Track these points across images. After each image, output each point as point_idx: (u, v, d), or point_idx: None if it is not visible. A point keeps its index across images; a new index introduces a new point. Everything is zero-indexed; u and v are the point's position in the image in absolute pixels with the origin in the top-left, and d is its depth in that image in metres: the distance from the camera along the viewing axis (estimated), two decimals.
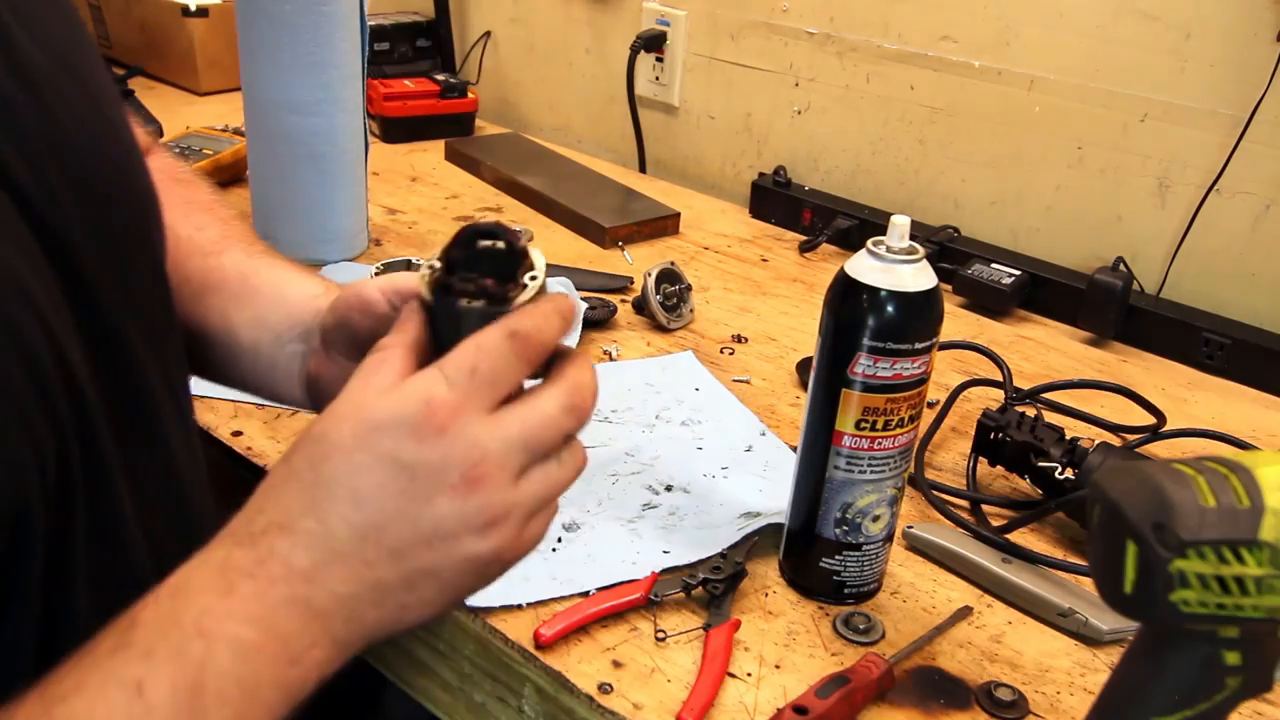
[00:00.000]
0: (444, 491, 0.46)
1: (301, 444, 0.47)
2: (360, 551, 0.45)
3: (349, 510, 0.45)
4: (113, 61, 1.71)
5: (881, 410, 0.64)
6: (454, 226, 1.24)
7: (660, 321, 1.03)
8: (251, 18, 1.02)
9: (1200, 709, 0.45)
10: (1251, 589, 0.42)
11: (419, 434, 0.45)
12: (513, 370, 0.47)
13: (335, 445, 0.46)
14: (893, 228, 0.62)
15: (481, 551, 0.47)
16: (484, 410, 0.47)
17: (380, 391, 0.46)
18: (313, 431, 0.47)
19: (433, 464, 0.45)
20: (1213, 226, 1.09)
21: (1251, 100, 1.03)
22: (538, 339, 0.48)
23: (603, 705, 0.60)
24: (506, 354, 0.47)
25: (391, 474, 0.45)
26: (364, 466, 0.45)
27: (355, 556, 0.45)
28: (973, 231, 1.25)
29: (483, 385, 0.47)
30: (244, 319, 0.63)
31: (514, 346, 0.47)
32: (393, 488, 0.45)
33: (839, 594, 0.69)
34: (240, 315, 0.63)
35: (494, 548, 0.47)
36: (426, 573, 0.47)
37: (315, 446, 0.46)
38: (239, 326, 0.63)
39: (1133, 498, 0.43)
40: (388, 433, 0.45)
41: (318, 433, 0.46)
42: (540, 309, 0.48)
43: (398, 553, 0.46)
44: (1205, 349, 1.05)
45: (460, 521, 0.46)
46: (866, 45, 1.30)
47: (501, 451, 0.47)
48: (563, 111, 1.67)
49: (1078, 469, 0.77)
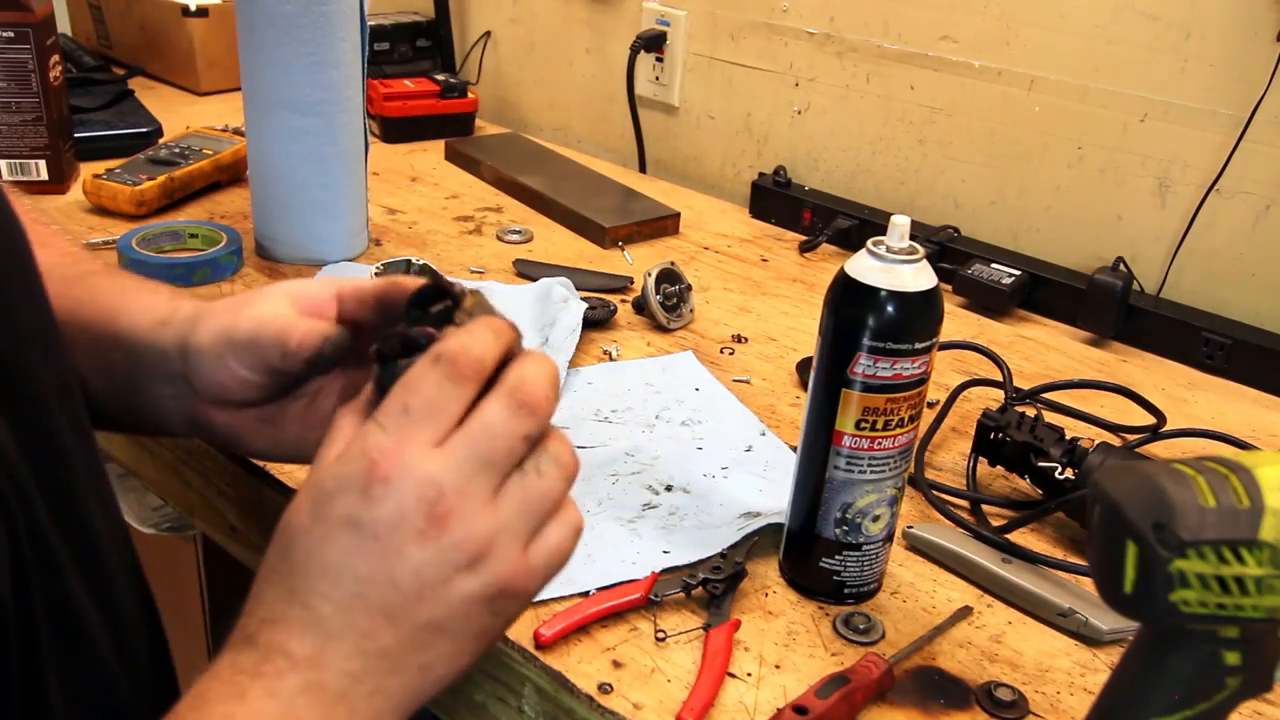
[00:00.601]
0: (411, 539, 0.43)
1: (274, 536, 0.46)
2: (353, 624, 0.44)
3: (327, 588, 0.44)
4: (113, 61, 1.71)
5: (881, 410, 0.64)
6: (454, 226, 1.25)
7: (660, 321, 1.03)
8: (251, 18, 1.02)
9: (1200, 709, 0.45)
10: (1251, 589, 0.42)
11: (366, 490, 0.43)
12: (448, 395, 0.45)
13: (296, 528, 0.45)
14: (893, 228, 0.62)
15: (479, 588, 0.45)
16: (429, 445, 0.44)
17: (325, 461, 0.45)
18: (281, 521, 0.46)
19: (389, 515, 0.43)
20: (1213, 226, 1.09)
21: (1251, 100, 1.03)
22: (467, 357, 0.45)
23: (603, 705, 0.60)
24: (437, 380, 0.44)
25: (352, 538, 0.43)
26: (324, 538, 0.44)
27: (350, 630, 0.44)
28: (973, 231, 1.25)
29: (419, 420, 0.44)
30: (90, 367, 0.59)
31: (443, 370, 0.45)
32: (359, 551, 0.43)
33: (839, 594, 0.69)
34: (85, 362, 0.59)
35: (492, 580, 0.45)
36: (430, 627, 0.44)
37: (281, 536, 0.45)
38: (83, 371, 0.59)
39: (1133, 498, 0.43)
40: (337, 498, 0.44)
41: (282, 522, 0.46)
42: (465, 329, 0.46)
43: (391, 615, 0.44)
44: (1205, 349, 1.05)
45: (441, 564, 0.44)
46: (866, 45, 1.30)
47: (459, 479, 0.44)
48: (563, 111, 1.67)
49: (1078, 469, 0.77)
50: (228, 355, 0.55)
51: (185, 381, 0.57)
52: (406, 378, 0.45)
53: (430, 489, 0.43)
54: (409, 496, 0.43)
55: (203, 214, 1.21)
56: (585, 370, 0.95)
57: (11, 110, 1.18)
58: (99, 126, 1.36)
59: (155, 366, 0.57)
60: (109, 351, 0.58)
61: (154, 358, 0.57)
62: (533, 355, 0.47)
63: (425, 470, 0.44)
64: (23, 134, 1.19)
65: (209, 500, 0.86)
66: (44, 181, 1.22)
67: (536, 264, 1.15)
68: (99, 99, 1.45)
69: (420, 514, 0.43)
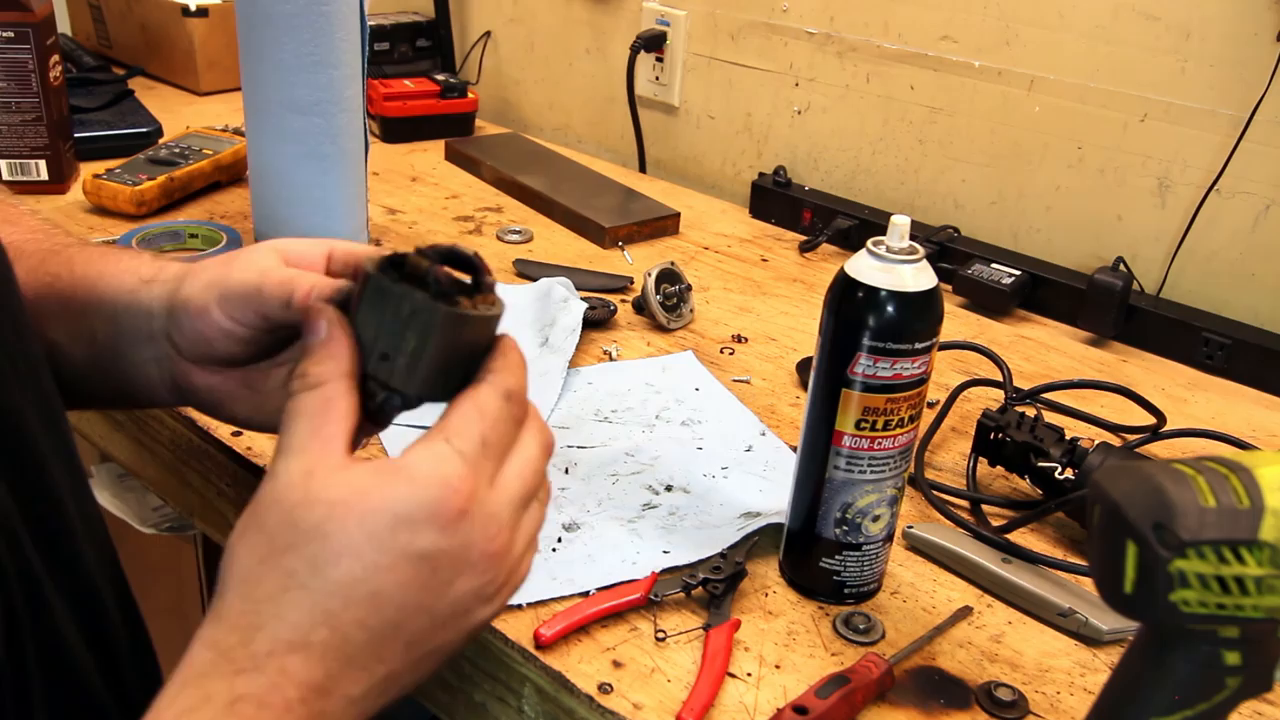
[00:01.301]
0: (464, 573, 0.43)
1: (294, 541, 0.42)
2: (377, 652, 0.42)
3: (367, 614, 0.42)
4: (113, 61, 1.71)
5: (881, 410, 0.64)
6: (454, 226, 1.25)
7: (660, 321, 1.03)
8: (251, 18, 1.02)
9: (1200, 709, 0.45)
10: (1251, 589, 0.42)
11: (440, 522, 0.42)
12: (511, 434, 0.45)
13: (344, 547, 0.41)
14: (893, 228, 0.62)
15: (489, 614, 0.46)
16: (491, 478, 0.44)
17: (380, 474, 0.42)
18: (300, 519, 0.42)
19: (456, 550, 0.43)
20: (1213, 226, 1.09)
21: (1251, 100, 1.03)
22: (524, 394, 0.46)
23: (603, 705, 0.60)
24: (507, 419, 0.45)
25: (414, 569, 0.42)
26: (383, 567, 0.41)
27: (371, 658, 0.42)
28: (973, 231, 1.25)
29: (491, 456, 0.44)
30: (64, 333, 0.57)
31: (511, 410, 0.45)
32: (415, 583, 0.42)
33: (839, 594, 0.69)
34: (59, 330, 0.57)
35: (499, 606, 0.46)
36: (435, 651, 0.45)
37: (316, 546, 0.41)
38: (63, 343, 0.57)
39: (1133, 498, 0.43)
40: (406, 526, 0.41)
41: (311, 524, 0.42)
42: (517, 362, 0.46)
43: (412, 644, 0.43)
44: (1205, 349, 1.05)
45: (478, 595, 0.44)
46: (866, 45, 1.30)
47: (512, 515, 0.45)
48: (563, 111, 1.67)
49: (1078, 469, 0.77)
50: (215, 306, 0.53)
51: (167, 340, 0.55)
52: (482, 406, 0.44)
53: (493, 525, 0.44)
54: (477, 533, 0.43)
55: (203, 214, 1.21)
56: (585, 370, 0.95)
57: (11, 110, 1.18)
58: (99, 126, 1.36)
59: (137, 327, 0.56)
60: (91, 318, 0.57)
61: (136, 318, 0.56)
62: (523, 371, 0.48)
63: (492, 507, 0.44)
64: (23, 134, 1.19)
65: (209, 500, 0.86)
66: (44, 181, 1.22)
67: (536, 264, 1.15)
68: (99, 99, 1.45)
69: (479, 550, 0.43)
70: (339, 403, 0.44)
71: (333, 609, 0.41)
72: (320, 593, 0.41)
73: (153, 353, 0.56)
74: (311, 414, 0.44)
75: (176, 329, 0.55)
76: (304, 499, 0.42)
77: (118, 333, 0.56)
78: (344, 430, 0.44)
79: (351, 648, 0.41)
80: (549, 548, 0.71)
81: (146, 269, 0.57)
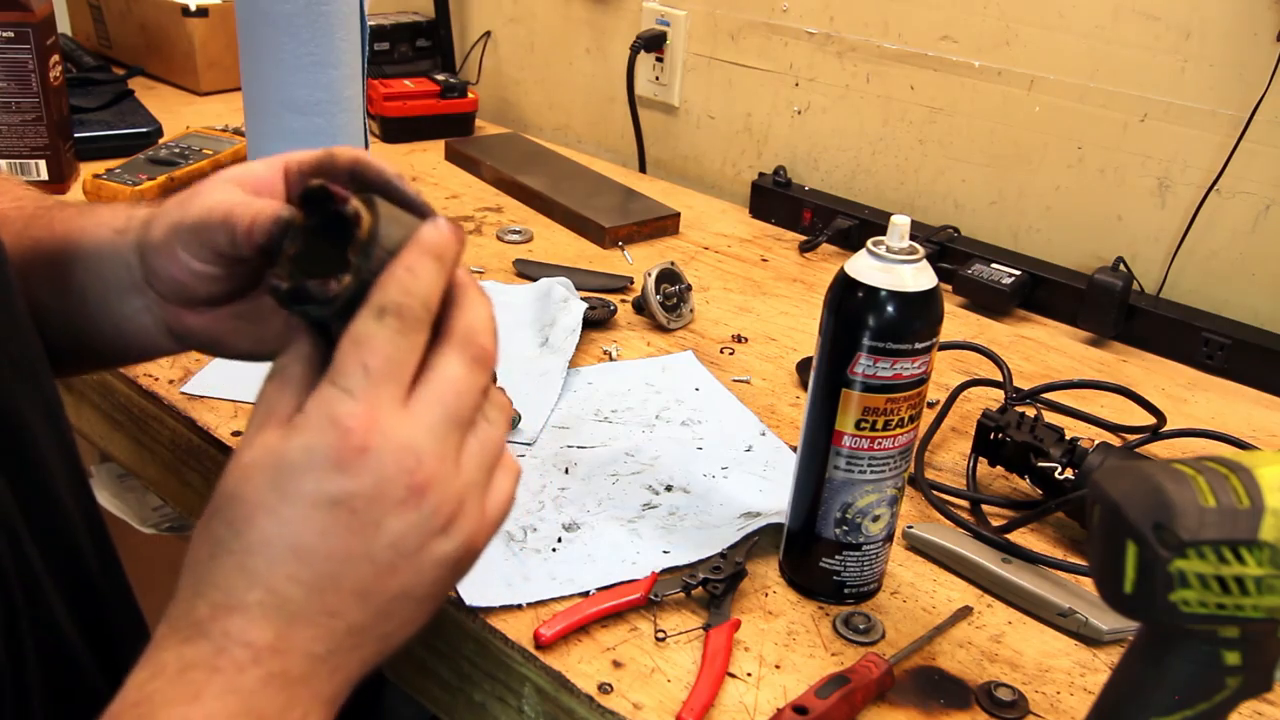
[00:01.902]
0: (392, 511, 0.41)
1: (218, 506, 0.42)
2: (321, 605, 0.41)
3: (295, 569, 0.41)
4: (113, 61, 1.71)
5: (881, 410, 0.64)
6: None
7: (660, 321, 1.03)
8: (251, 18, 1.02)
9: (1200, 709, 0.45)
10: (1251, 589, 0.42)
11: (341, 464, 0.40)
12: (403, 349, 0.42)
13: (256, 504, 0.41)
14: (893, 228, 0.62)
15: (451, 550, 0.43)
16: (398, 406, 0.42)
17: (284, 428, 0.41)
18: (225, 488, 0.42)
19: (368, 489, 0.41)
20: (1213, 226, 1.09)
21: (1251, 100, 1.03)
22: (414, 302, 0.42)
23: (603, 705, 0.60)
24: (389, 336, 0.42)
25: (330, 517, 0.41)
26: (295, 518, 0.40)
27: (319, 612, 0.41)
28: (973, 231, 1.25)
29: (381, 380, 0.41)
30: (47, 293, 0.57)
31: (392, 325, 0.42)
32: (334, 528, 0.41)
33: (839, 594, 0.69)
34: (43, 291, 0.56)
35: (463, 540, 0.44)
36: (400, 596, 0.43)
37: (233, 509, 0.41)
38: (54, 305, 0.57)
39: (1133, 498, 0.43)
40: (308, 474, 0.40)
41: (230, 490, 0.42)
42: (401, 264, 0.43)
43: (363, 593, 0.42)
44: (1205, 349, 1.05)
45: (420, 532, 0.42)
46: (866, 45, 1.30)
47: (434, 443, 0.42)
48: (563, 111, 1.67)
49: (1078, 469, 0.77)
50: (179, 248, 0.52)
51: (150, 287, 0.55)
52: (355, 333, 0.42)
53: (409, 457, 0.41)
54: (389, 467, 0.41)
55: None
56: (585, 370, 0.95)
57: (11, 110, 1.18)
58: (99, 126, 1.36)
59: (120, 278, 0.55)
60: (76, 276, 0.56)
61: (118, 269, 0.55)
62: (472, 296, 0.45)
63: (402, 437, 0.41)
64: (23, 134, 1.19)
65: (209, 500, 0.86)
66: (44, 181, 1.22)
67: (536, 264, 1.15)
68: (99, 99, 1.45)
69: (400, 484, 0.41)
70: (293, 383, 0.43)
71: (259, 568, 0.40)
72: (244, 553, 0.41)
73: (142, 301, 0.55)
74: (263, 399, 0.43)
75: (152, 275, 0.54)
76: (229, 470, 0.42)
77: (104, 287, 0.55)
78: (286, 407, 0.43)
79: (292, 604, 0.40)
80: (549, 548, 0.71)
81: (119, 218, 0.56)
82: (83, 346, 0.58)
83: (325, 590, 0.41)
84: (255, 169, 0.53)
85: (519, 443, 0.83)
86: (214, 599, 0.40)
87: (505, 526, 0.72)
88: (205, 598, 0.41)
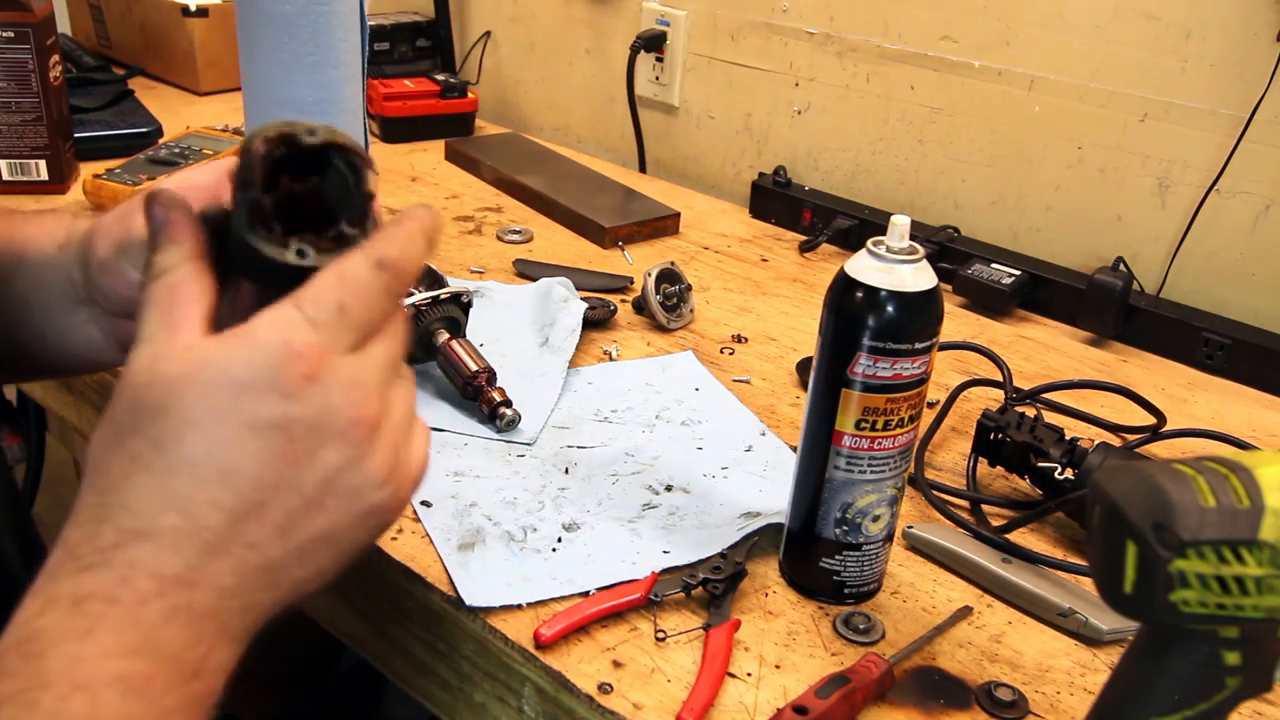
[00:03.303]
0: (329, 442, 0.40)
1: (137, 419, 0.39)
2: (240, 535, 0.39)
3: (219, 493, 0.38)
4: (113, 61, 1.71)
5: (881, 410, 0.64)
6: (454, 226, 1.25)
7: (660, 321, 1.03)
8: (251, 18, 1.02)
9: (1200, 709, 0.45)
10: (1251, 589, 0.42)
11: (285, 388, 0.38)
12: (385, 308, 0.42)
13: (186, 420, 0.38)
14: (893, 228, 0.62)
15: (381, 499, 0.42)
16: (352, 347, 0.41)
17: (223, 341, 0.39)
18: (149, 399, 0.39)
19: (311, 417, 0.39)
20: (1213, 226, 1.09)
21: (1251, 100, 1.03)
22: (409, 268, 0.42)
23: (603, 705, 0.60)
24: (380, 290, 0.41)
25: (264, 441, 0.38)
26: (230, 440, 0.38)
27: (236, 543, 0.39)
28: (973, 231, 1.25)
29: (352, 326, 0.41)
30: None
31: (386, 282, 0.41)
32: (269, 455, 0.39)
33: (839, 594, 0.69)
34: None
35: (393, 490, 0.43)
36: (321, 538, 0.41)
37: (159, 423, 0.38)
38: None
39: (1133, 498, 0.43)
40: (248, 393, 0.38)
41: (156, 401, 0.39)
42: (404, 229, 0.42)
43: (285, 527, 0.40)
44: (1205, 349, 1.05)
45: (358, 473, 0.41)
46: (866, 45, 1.30)
47: (380, 386, 0.41)
48: (563, 111, 1.67)
49: (1077, 469, 0.77)
50: (125, 266, 0.51)
51: (95, 304, 0.54)
52: (345, 274, 0.41)
53: (358, 393, 0.40)
54: (337, 399, 0.39)
55: None
56: (585, 370, 0.95)
57: (11, 110, 1.18)
58: (99, 126, 1.36)
59: (64, 292, 0.54)
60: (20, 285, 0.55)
61: (61, 283, 0.54)
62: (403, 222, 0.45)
63: (353, 374, 0.40)
64: (23, 134, 1.19)
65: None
66: (44, 181, 1.22)
67: (536, 264, 1.15)
68: (99, 99, 1.45)
69: (344, 417, 0.40)
70: (188, 286, 0.41)
71: (180, 490, 0.38)
72: (165, 473, 0.38)
73: (87, 314, 0.55)
74: (158, 302, 0.41)
75: (99, 293, 0.53)
76: (147, 380, 0.39)
77: (48, 298, 0.55)
78: (196, 313, 0.41)
79: (209, 532, 0.38)
80: (549, 548, 0.71)
81: (60, 231, 0.55)
82: (25, 356, 0.57)
83: (247, 519, 0.39)
84: (196, 178, 0.52)
85: (519, 442, 0.83)
86: (122, 523, 0.38)
87: (505, 526, 0.72)
88: (111, 522, 0.38)
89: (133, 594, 0.37)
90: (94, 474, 0.39)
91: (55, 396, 1.02)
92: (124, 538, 0.37)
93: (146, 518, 0.38)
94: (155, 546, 0.37)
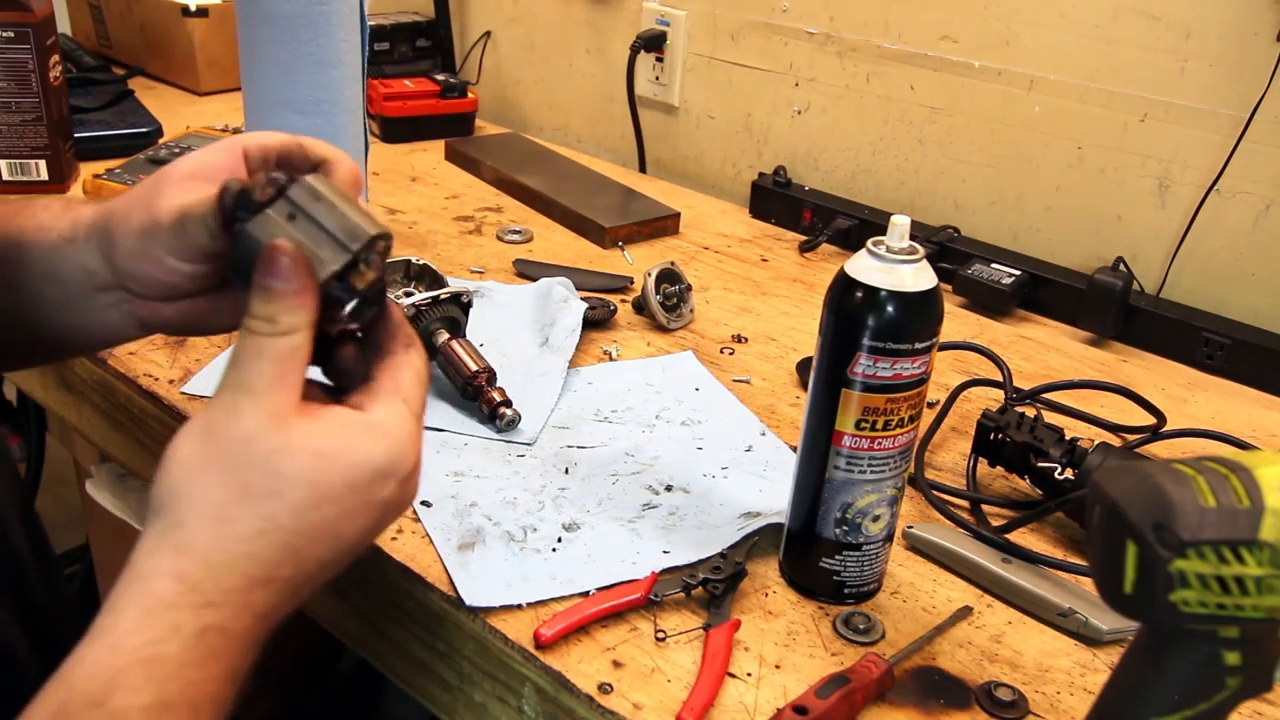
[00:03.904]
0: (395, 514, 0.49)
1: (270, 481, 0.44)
2: (313, 582, 0.46)
3: (325, 552, 0.46)
4: (113, 61, 1.71)
5: (881, 410, 0.64)
6: (454, 226, 1.25)
7: (660, 321, 1.03)
8: (251, 17, 1.02)
9: (1200, 709, 0.45)
10: (1251, 589, 0.42)
11: (402, 475, 0.47)
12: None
13: (326, 495, 0.45)
14: (893, 228, 0.62)
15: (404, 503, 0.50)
16: None
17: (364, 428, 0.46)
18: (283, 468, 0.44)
19: (403, 499, 0.48)
20: (1213, 226, 1.09)
21: (1251, 100, 1.03)
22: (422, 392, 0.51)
23: (603, 705, 0.60)
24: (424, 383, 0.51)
25: (374, 515, 0.47)
26: (354, 513, 0.46)
27: (307, 586, 0.46)
28: (973, 231, 1.25)
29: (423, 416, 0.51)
30: None
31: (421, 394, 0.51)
32: (367, 525, 0.47)
33: (839, 594, 0.69)
34: None
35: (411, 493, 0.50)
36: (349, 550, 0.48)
37: (301, 493, 0.44)
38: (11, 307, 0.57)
39: (1133, 498, 0.43)
40: (380, 478, 0.46)
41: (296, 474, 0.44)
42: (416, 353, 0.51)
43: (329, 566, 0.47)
44: (1205, 349, 1.05)
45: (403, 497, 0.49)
46: (866, 45, 1.30)
47: None
48: (563, 111, 1.67)
49: (1077, 469, 0.77)
50: (159, 252, 0.52)
51: (123, 290, 0.55)
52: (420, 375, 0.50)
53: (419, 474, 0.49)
54: (414, 484, 0.49)
55: None
56: (585, 370, 0.95)
57: (11, 110, 1.18)
58: (99, 126, 1.36)
59: (81, 281, 0.55)
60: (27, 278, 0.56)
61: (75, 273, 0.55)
62: None
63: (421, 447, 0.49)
64: (23, 134, 1.19)
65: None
66: (44, 181, 1.22)
67: (536, 264, 1.15)
68: (99, 99, 1.45)
69: (410, 496, 0.49)
70: (303, 353, 0.46)
71: (300, 548, 0.45)
72: (293, 534, 0.44)
73: (109, 299, 0.56)
74: (279, 358, 0.45)
75: (134, 281, 0.54)
76: (284, 446, 0.44)
77: (63, 289, 0.56)
78: (301, 378, 0.46)
79: (302, 578, 0.45)
80: (549, 548, 0.71)
81: (59, 221, 0.56)
82: (38, 341, 0.58)
83: (327, 568, 0.46)
84: (210, 158, 0.54)
85: (519, 443, 0.83)
86: (250, 571, 0.43)
87: (505, 526, 0.73)
88: (239, 569, 0.43)
89: (242, 627, 0.43)
90: (217, 520, 0.43)
91: (55, 396, 1.02)
92: (249, 584, 0.43)
93: (270, 568, 0.44)
94: (267, 592, 0.44)
